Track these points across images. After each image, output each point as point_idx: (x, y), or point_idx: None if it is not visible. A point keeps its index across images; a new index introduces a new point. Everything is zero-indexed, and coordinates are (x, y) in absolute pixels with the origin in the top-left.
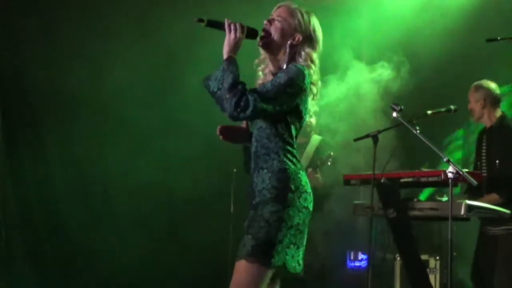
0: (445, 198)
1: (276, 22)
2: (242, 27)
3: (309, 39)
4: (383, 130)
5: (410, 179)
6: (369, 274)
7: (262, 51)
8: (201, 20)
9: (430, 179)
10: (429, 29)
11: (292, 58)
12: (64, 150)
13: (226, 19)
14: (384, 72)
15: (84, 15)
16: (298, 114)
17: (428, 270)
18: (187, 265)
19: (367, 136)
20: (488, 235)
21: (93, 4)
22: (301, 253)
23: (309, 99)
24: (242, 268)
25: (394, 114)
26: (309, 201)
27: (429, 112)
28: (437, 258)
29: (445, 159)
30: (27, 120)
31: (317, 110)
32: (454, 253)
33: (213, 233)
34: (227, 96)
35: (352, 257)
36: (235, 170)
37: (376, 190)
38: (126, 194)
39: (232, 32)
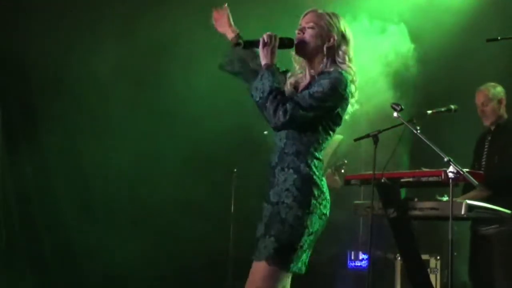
0: (445, 198)
1: (308, 29)
2: (273, 37)
3: (343, 38)
4: (383, 130)
5: (410, 179)
6: (369, 274)
7: (297, 61)
8: (238, 44)
9: (431, 179)
10: (429, 28)
11: (332, 60)
12: (65, 149)
13: (261, 37)
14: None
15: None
16: (336, 121)
17: (428, 270)
18: (187, 264)
19: (367, 136)
20: (480, 235)
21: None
22: (309, 255)
23: (350, 102)
24: (261, 269)
25: (395, 114)
26: (328, 208)
27: (429, 111)
28: (438, 258)
29: (445, 159)
30: (27, 119)
31: (357, 107)
32: (455, 253)
33: (213, 233)
34: (266, 104)
35: (352, 257)
36: (235, 170)
37: (377, 190)
38: (127, 193)
39: (266, 45)
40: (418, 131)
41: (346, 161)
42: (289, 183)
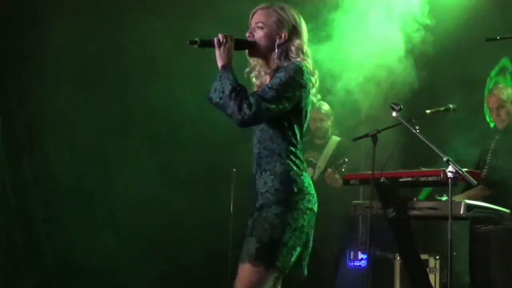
0: (444, 198)
1: (257, 29)
2: (228, 37)
3: (295, 32)
4: (382, 130)
5: (409, 179)
6: (368, 273)
7: (252, 59)
8: (193, 42)
9: (430, 178)
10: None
11: (285, 56)
12: (64, 150)
13: (216, 37)
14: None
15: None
16: (299, 112)
17: (428, 269)
18: (187, 264)
19: (366, 135)
20: (479, 234)
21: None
22: (306, 255)
23: (311, 92)
24: (246, 271)
25: (394, 114)
26: (313, 202)
27: (428, 111)
28: (437, 257)
29: (444, 159)
30: (27, 120)
31: (320, 98)
32: (454, 253)
33: (212, 233)
34: (229, 103)
35: (352, 257)
36: (235, 170)
37: (376, 190)
38: (127, 194)
39: (222, 44)
40: (417, 131)
41: (346, 160)
42: (268, 185)
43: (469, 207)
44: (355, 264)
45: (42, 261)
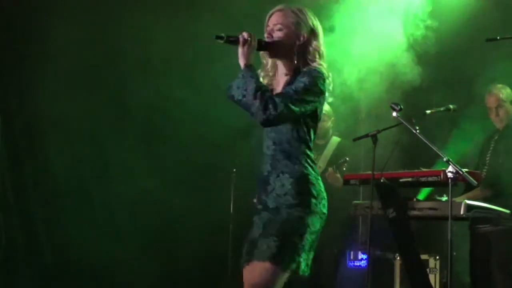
0: (444, 198)
1: (276, 31)
2: (253, 36)
3: (313, 34)
4: (382, 130)
5: (409, 179)
6: (369, 273)
7: (268, 63)
8: (219, 38)
9: (430, 179)
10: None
11: (303, 58)
12: (64, 150)
13: (241, 34)
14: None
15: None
16: (315, 117)
17: (428, 269)
18: (187, 264)
19: (366, 136)
20: (479, 234)
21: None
22: (312, 256)
23: (325, 98)
24: (263, 270)
25: (394, 114)
26: (326, 206)
27: (428, 111)
28: (437, 257)
29: (444, 159)
30: (27, 120)
31: (332, 101)
32: (454, 253)
33: (212, 233)
34: (254, 101)
35: (352, 257)
36: (235, 170)
37: (376, 190)
38: (127, 194)
39: (246, 43)
40: (417, 131)
41: (347, 159)
42: (287, 187)
43: (469, 208)
44: (355, 264)
45: (42, 261)
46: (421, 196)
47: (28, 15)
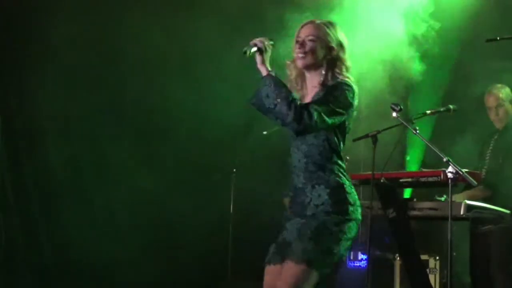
0: (444, 198)
1: (308, 42)
2: (266, 43)
3: (341, 48)
4: (383, 130)
5: (409, 179)
6: (368, 274)
7: (293, 72)
8: (246, 52)
9: (430, 179)
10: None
11: (332, 71)
12: (64, 150)
13: (257, 41)
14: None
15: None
16: (344, 129)
17: (428, 270)
18: (186, 265)
19: (366, 136)
20: (479, 234)
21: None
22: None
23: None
24: (298, 271)
25: (394, 114)
26: (360, 212)
27: (428, 111)
28: (437, 258)
29: (444, 159)
30: (27, 120)
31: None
32: (454, 253)
33: (212, 233)
34: (288, 111)
35: (352, 257)
36: (235, 170)
37: (376, 190)
38: (127, 194)
39: (264, 51)
40: (417, 131)
41: (348, 158)
42: (324, 197)
43: (469, 208)
44: (355, 264)
45: (42, 261)
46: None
47: (28, 15)
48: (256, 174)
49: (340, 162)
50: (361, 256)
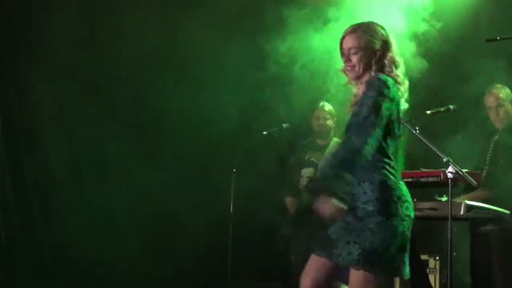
0: (444, 198)
1: (352, 55)
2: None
3: (386, 46)
4: None
5: (409, 179)
6: None
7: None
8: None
9: (430, 179)
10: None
11: (382, 72)
12: (64, 150)
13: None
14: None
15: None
16: (391, 124)
17: (428, 270)
18: (186, 264)
19: None
20: (480, 234)
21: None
22: (406, 257)
23: (401, 103)
24: (360, 277)
25: None
26: (411, 209)
27: (428, 112)
28: (437, 258)
29: (444, 160)
30: (27, 120)
31: (408, 106)
32: (454, 253)
33: (212, 233)
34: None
35: None
36: (234, 170)
37: None
38: (126, 193)
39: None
40: (417, 131)
41: None
42: (368, 194)
43: (469, 208)
44: None
45: (42, 261)
46: None
47: (28, 15)
48: (256, 174)
49: (386, 159)
50: None
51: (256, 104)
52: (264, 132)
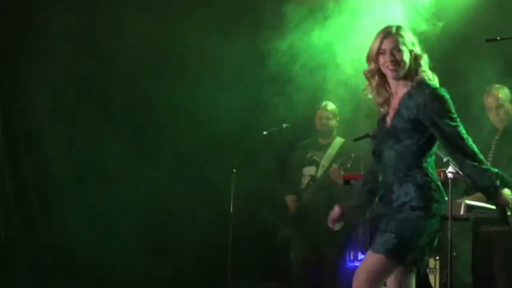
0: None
1: (397, 54)
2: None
3: (417, 45)
4: None
5: None
6: None
7: (373, 80)
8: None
9: None
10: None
11: (416, 71)
12: (64, 150)
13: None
14: None
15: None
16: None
17: (428, 270)
18: (186, 265)
19: (366, 136)
20: (482, 234)
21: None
22: (428, 254)
23: None
24: (376, 260)
25: None
26: (444, 209)
27: None
28: (437, 258)
29: (444, 159)
30: (27, 120)
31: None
32: (454, 253)
33: (212, 233)
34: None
35: (352, 257)
36: (234, 170)
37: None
38: (126, 193)
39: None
40: None
41: (352, 155)
42: (411, 194)
43: (469, 208)
44: (355, 264)
45: (42, 261)
46: None
47: (28, 15)
48: (256, 174)
49: (429, 160)
50: (361, 256)
51: (256, 104)
52: (264, 132)
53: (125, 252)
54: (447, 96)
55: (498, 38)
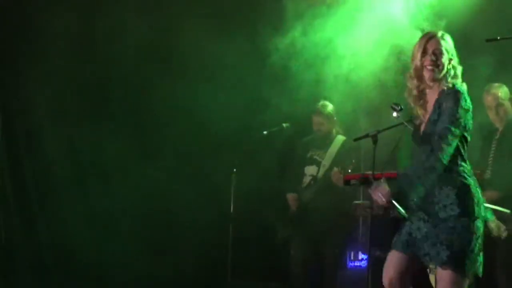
0: None
1: (438, 55)
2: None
3: (455, 55)
4: (383, 130)
5: None
6: (369, 273)
7: (413, 84)
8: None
9: None
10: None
11: (452, 75)
12: (64, 150)
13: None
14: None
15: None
16: (466, 131)
17: (428, 270)
18: (186, 265)
19: (366, 136)
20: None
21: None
22: (482, 258)
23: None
24: (444, 275)
25: (394, 114)
26: (484, 209)
27: None
28: None
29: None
30: (27, 120)
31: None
32: None
33: (212, 233)
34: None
35: (352, 257)
36: (235, 170)
37: None
38: (126, 193)
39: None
40: None
41: (354, 161)
42: (452, 198)
43: None
44: (355, 264)
45: (42, 261)
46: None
47: (28, 15)
48: (256, 174)
49: (464, 163)
50: (361, 256)
51: (256, 104)
52: (265, 132)
53: (125, 252)
54: (466, 104)
55: (498, 38)
